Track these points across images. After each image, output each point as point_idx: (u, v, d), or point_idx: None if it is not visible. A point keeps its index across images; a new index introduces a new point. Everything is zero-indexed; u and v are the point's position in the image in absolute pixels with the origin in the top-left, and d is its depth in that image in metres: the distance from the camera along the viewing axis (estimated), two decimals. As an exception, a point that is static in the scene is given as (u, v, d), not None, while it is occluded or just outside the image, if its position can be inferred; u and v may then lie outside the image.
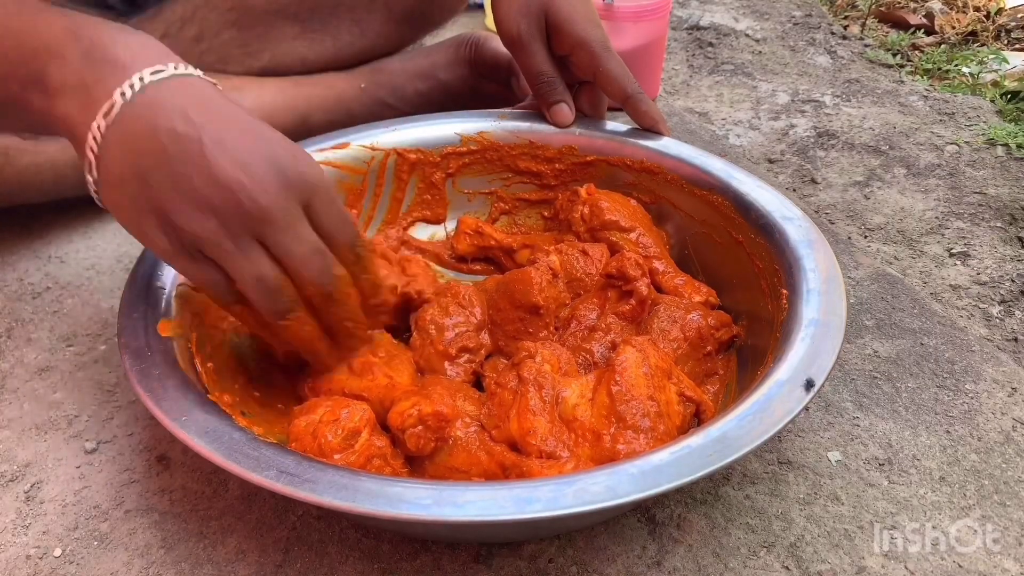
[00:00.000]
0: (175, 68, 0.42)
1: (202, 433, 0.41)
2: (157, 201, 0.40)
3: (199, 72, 0.43)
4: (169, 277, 0.52)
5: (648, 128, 0.66)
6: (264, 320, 0.45)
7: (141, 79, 0.40)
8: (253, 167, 0.40)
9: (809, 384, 0.42)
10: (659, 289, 0.58)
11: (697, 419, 0.49)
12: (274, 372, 0.55)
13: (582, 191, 0.64)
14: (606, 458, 0.44)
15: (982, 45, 1.29)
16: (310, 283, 0.43)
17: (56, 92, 0.41)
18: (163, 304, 0.50)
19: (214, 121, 0.41)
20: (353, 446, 0.45)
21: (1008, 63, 1.18)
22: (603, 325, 0.55)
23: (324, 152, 0.65)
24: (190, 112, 0.40)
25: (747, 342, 0.55)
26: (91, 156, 0.41)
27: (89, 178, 0.42)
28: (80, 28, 0.41)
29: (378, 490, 0.38)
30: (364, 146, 0.67)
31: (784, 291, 0.51)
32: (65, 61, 0.40)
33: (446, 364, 0.55)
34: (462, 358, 0.55)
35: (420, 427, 0.46)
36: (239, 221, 0.40)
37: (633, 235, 0.62)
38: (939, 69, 1.20)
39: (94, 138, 0.40)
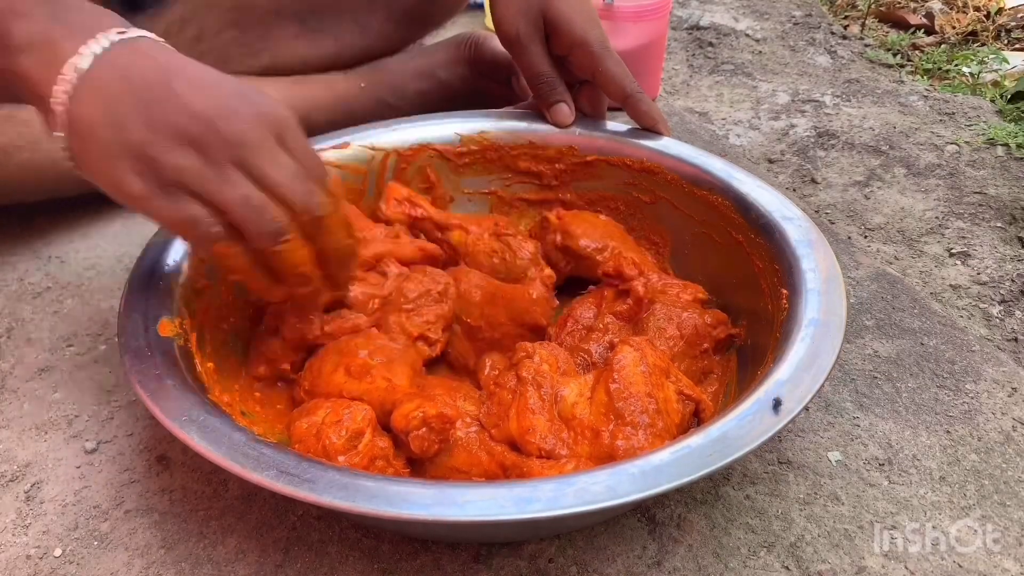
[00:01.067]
0: (138, 32, 0.43)
1: (202, 433, 0.41)
2: (133, 143, 0.40)
3: (160, 39, 0.44)
4: (169, 277, 0.52)
5: (648, 128, 0.66)
6: (253, 256, 0.44)
7: (108, 38, 0.41)
8: (226, 100, 0.42)
9: (777, 404, 0.41)
10: None
11: (697, 418, 0.49)
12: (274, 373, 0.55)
13: (551, 217, 0.65)
14: (605, 454, 0.44)
15: (982, 45, 1.29)
16: (297, 206, 0.43)
17: (18, 50, 0.41)
18: (163, 304, 0.50)
19: (183, 69, 0.42)
20: (357, 447, 0.45)
21: (1008, 63, 1.18)
22: (600, 325, 0.55)
23: (324, 152, 0.65)
24: (159, 61, 0.42)
25: (747, 342, 0.55)
26: (59, 109, 0.41)
27: (58, 134, 0.42)
28: None
29: (378, 490, 0.38)
30: (364, 146, 0.67)
31: (784, 291, 0.51)
32: (31, 19, 0.41)
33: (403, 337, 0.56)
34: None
35: (424, 429, 0.46)
36: (219, 148, 0.41)
37: (607, 252, 0.62)
38: (939, 69, 1.20)
39: (65, 92, 0.40)
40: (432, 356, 0.56)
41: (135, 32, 0.43)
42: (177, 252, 0.54)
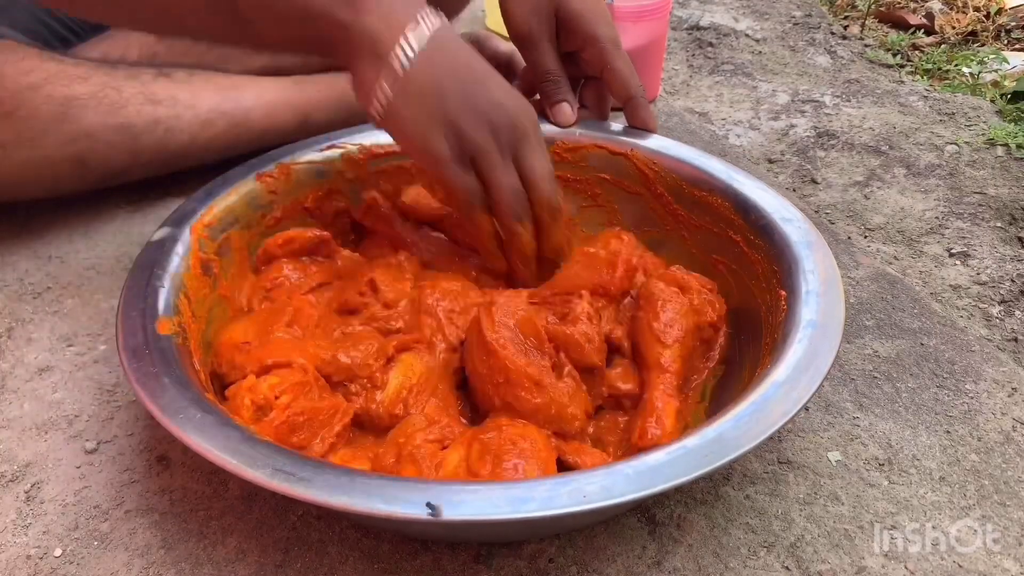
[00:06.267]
0: (443, 20, 0.51)
1: (198, 430, 0.41)
2: (451, 113, 0.50)
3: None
4: (168, 276, 0.52)
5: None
6: (494, 227, 0.56)
7: (428, 14, 0.50)
8: (516, 98, 0.53)
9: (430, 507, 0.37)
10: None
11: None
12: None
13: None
14: None
15: (982, 45, 1.29)
16: (545, 200, 0.54)
17: (365, 9, 0.49)
18: (162, 302, 0.50)
19: (481, 60, 0.53)
20: (267, 418, 0.46)
21: (1008, 63, 1.18)
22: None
23: (324, 152, 0.65)
24: (468, 50, 0.52)
25: (744, 342, 0.55)
26: (398, 68, 0.49)
27: (384, 87, 0.50)
28: None
29: (374, 489, 0.38)
30: (364, 146, 0.67)
31: (782, 292, 0.51)
32: None
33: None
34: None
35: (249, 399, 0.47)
36: (508, 136, 0.52)
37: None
38: (939, 69, 1.20)
39: (407, 56, 0.49)
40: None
41: (436, 14, 0.51)
42: (176, 251, 0.54)
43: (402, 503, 0.37)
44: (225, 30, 0.52)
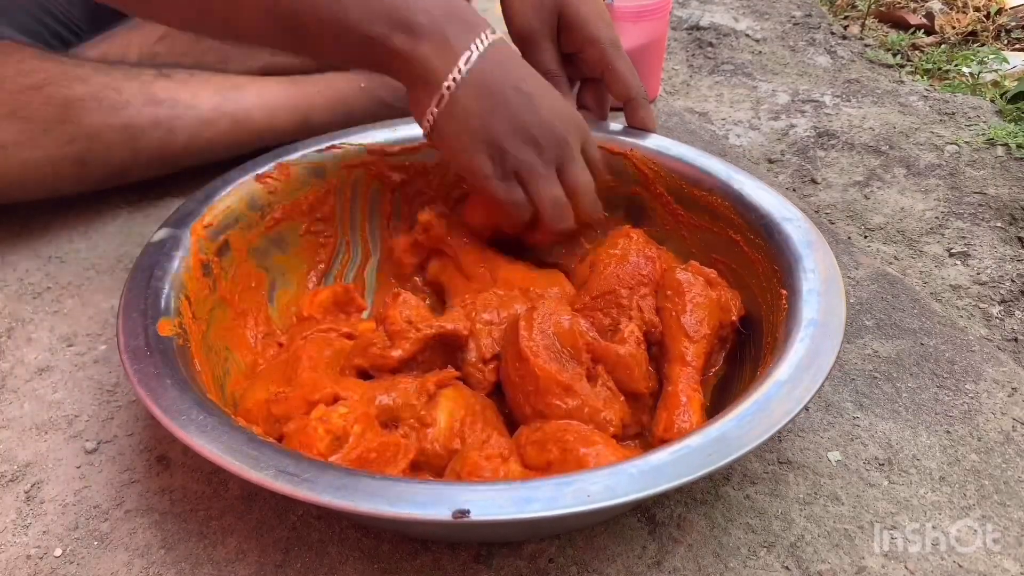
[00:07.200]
0: (497, 35, 0.53)
1: (200, 431, 0.41)
2: (495, 134, 0.53)
3: (504, 39, 0.55)
4: (168, 277, 0.52)
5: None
6: (534, 224, 0.58)
7: (485, 39, 0.52)
8: (562, 116, 0.55)
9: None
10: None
11: None
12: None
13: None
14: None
15: (982, 45, 1.29)
16: (584, 211, 0.58)
17: (421, 38, 0.51)
18: (163, 303, 0.50)
19: (533, 79, 0.55)
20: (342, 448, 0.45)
21: (1008, 63, 1.18)
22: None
23: (321, 152, 0.65)
24: (520, 71, 0.54)
25: (747, 341, 0.55)
26: (445, 93, 0.52)
27: (433, 109, 0.53)
28: None
29: (377, 489, 0.38)
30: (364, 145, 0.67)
31: (783, 292, 0.51)
32: (431, 14, 0.51)
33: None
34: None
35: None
36: (551, 151, 0.54)
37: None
38: (939, 69, 1.20)
39: (454, 79, 0.51)
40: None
41: (494, 35, 0.53)
42: (176, 252, 0.54)
43: (406, 504, 0.37)
44: (287, 45, 0.54)
